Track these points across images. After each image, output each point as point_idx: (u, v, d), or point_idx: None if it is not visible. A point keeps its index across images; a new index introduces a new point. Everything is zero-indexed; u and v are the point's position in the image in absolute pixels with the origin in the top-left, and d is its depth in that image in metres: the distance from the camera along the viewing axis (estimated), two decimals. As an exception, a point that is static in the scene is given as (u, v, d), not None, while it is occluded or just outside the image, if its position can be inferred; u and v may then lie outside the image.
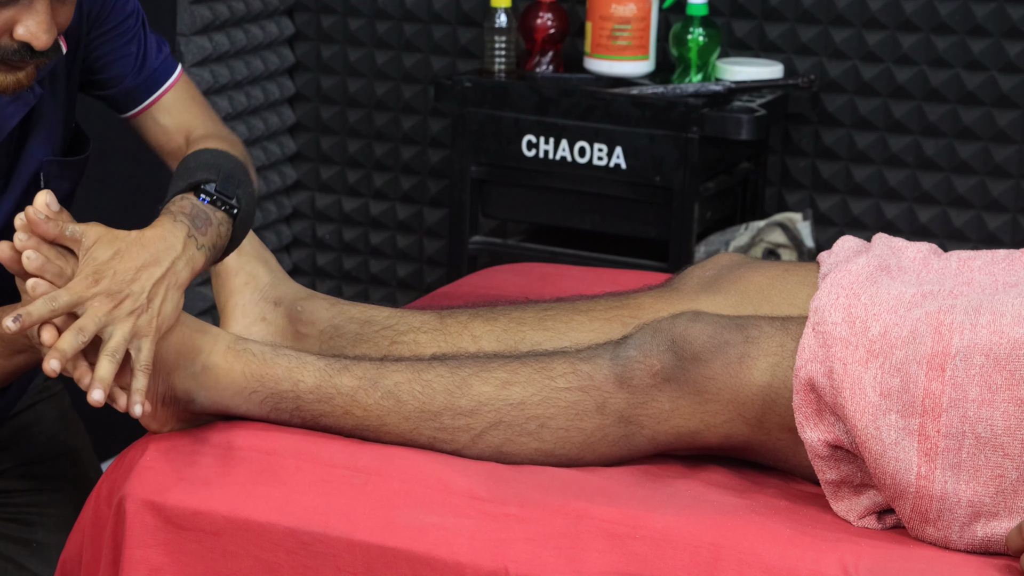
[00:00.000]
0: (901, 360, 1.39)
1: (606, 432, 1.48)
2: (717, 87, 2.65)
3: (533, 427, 1.48)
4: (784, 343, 1.45)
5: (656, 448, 1.51)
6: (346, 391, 1.50)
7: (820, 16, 2.81)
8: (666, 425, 1.47)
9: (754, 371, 1.44)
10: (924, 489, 1.38)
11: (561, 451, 1.50)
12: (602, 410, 1.47)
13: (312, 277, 3.24)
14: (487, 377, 1.49)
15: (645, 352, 1.46)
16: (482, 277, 2.10)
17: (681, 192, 2.59)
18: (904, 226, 2.82)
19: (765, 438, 1.47)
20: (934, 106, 2.77)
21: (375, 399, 1.50)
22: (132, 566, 1.48)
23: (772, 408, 1.44)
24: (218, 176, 1.55)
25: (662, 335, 1.46)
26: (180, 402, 1.53)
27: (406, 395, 1.49)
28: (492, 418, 1.48)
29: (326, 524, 1.45)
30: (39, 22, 1.47)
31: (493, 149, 2.71)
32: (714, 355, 1.45)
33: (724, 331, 1.46)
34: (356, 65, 3.12)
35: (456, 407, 1.49)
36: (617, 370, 1.46)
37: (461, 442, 1.50)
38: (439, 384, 1.49)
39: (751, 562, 1.35)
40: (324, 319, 1.68)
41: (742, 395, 1.44)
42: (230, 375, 1.51)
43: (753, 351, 1.45)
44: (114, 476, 1.53)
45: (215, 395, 1.52)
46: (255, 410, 1.53)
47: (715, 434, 1.48)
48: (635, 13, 2.72)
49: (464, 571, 1.40)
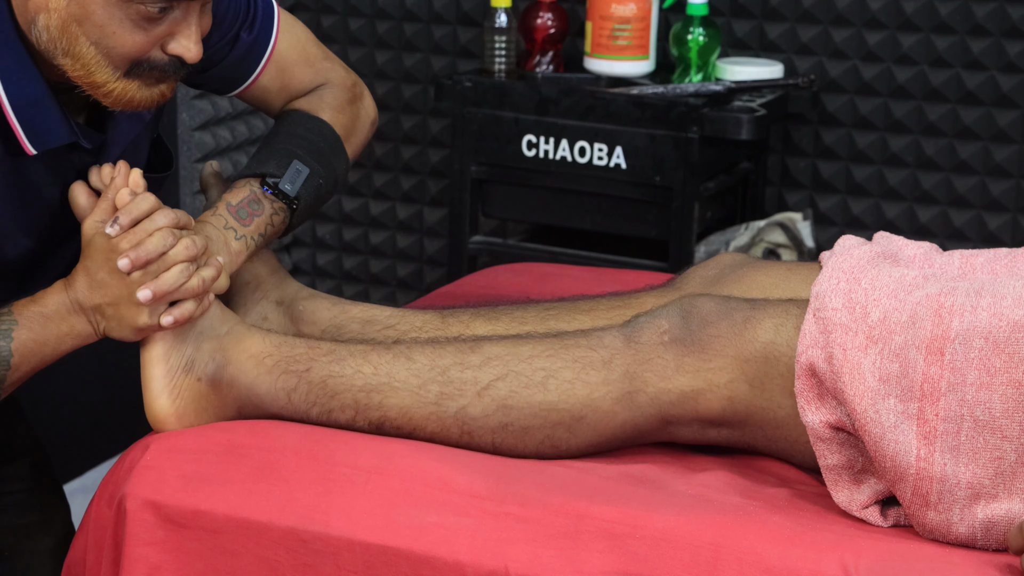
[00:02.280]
0: (900, 345, 1.40)
1: (610, 388, 1.49)
2: (717, 87, 2.65)
3: (540, 377, 1.50)
4: (788, 309, 1.49)
5: (658, 412, 1.50)
6: (358, 351, 1.54)
7: (820, 16, 2.81)
8: (669, 384, 1.48)
9: (758, 329, 1.47)
10: (924, 471, 1.38)
11: (564, 405, 1.50)
12: (608, 365, 1.49)
13: (312, 277, 3.25)
14: (499, 340, 1.54)
15: (655, 316, 1.51)
16: (483, 277, 2.10)
17: (681, 192, 2.59)
18: (904, 226, 2.82)
19: (767, 404, 1.48)
20: (934, 106, 2.77)
21: (386, 358, 1.53)
22: (132, 564, 1.48)
23: (774, 367, 1.46)
24: (288, 167, 1.61)
25: (673, 305, 1.52)
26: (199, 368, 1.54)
27: (417, 353, 1.53)
28: (500, 370, 1.51)
29: (327, 523, 1.45)
30: (191, 35, 1.45)
31: (493, 149, 2.71)
32: (720, 317, 1.49)
33: (731, 302, 1.51)
34: (356, 65, 3.12)
35: (466, 361, 1.51)
36: (627, 331, 1.51)
37: (467, 396, 1.51)
38: (452, 346, 1.54)
39: (751, 562, 1.35)
40: (326, 319, 1.69)
41: (745, 352, 1.47)
42: (251, 339, 1.56)
43: (758, 314, 1.49)
44: (115, 477, 1.53)
45: (233, 360, 1.55)
46: (264, 377, 1.55)
47: (717, 396, 1.48)
48: (635, 13, 2.72)
49: (464, 570, 1.40)
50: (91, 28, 1.42)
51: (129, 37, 1.43)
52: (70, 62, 1.43)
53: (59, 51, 1.43)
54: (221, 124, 2.94)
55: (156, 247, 1.48)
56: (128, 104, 1.47)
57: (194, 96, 2.84)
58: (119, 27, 1.42)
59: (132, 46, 1.43)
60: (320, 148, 1.65)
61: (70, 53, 1.43)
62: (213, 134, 2.91)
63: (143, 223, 1.48)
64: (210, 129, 2.90)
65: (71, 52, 1.43)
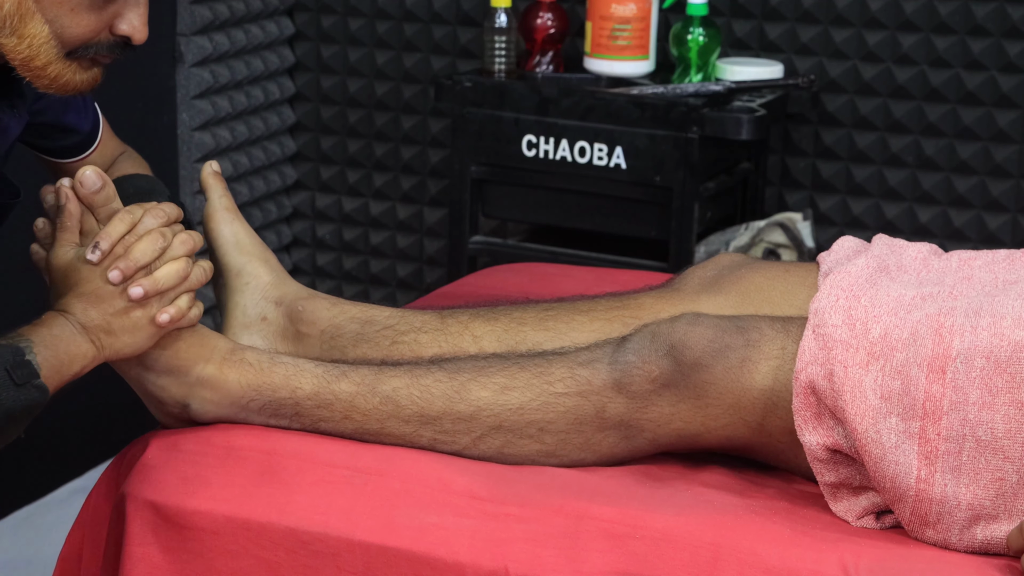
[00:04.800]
0: (902, 362, 1.39)
1: (606, 435, 1.48)
2: (717, 87, 2.65)
3: (533, 431, 1.48)
4: (785, 346, 1.44)
5: (657, 449, 1.51)
6: (344, 397, 1.51)
7: (820, 16, 2.81)
8: (667, 428, 1.47)
9: (755, 375, 1.44)
10: (924, 493, 1.37)
11: (562, 452, 1.50)
12: (601, 414, 1.47)
13: (312, 277, 3.24)
14: (485, 382, 1.49)
15: (643, 358, 1.45)
16: (483, 277, 2.10)
17: (681, 192, 2.59)
18: (904, 226, 2.82)
19: (766, 440, 1.47)
20: (934, 106, 2.77)
21: (374, 404, 1.50)
22: (132, 564, 1.48)
23: (773, 412, 1.44)
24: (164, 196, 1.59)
25: (660, 340, 1.45)
26: (174, 408, 1.54)
27: (404, 400, 1.50)
28: (491, 423, 1.48)
29: (326, 524, 1.45)
30: (141, 15, 1.43)
31: (493, 149, 2.71)
32: (715, 360, 1.44)
33: (724, 335, 1.44)
34: (356, 65, 3.12)
35: (455, 412, 1.49)
36: (616, 375, 1.46)
37: (462, 444, 1.50)
38: (437, 389, 1.49)
39: (751, 562, 1.35)
40: (325, 319, 1.68)
41: (743, 399, 1.44)
42: (226, 386, 1.52)
43: (754, 355, 1.44)
44: (115, 473, 1.53)
45: (211, 405, 1.53)
46: (253, 418, 1.53)
47: (716, 436, 1.48)
48: (635, 13, 2.72)
49: (464, 571, 1.40)
50: (49, 5, 1.39)
51: (84, 16, 1.40)
52: (15, 42, 1.39)
53: (7, 29, 1.39)
54: (221, 124, 2.94)
55: (145, 254, 1.46)
56: (64, 87, 1.44)
57: (194, 96, 2.84)
58: (77, 5, 1.39)
59: (86, 27, 1.41)
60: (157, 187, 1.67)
61: (18, 32, 1.39)
62: (213, 134, 2.91)
63: (126, 239, 1.46)
64: (210, 129, 2.90)
65: (20, 31, 1.39)
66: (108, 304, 1.46)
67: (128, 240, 1.46)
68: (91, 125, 1.71)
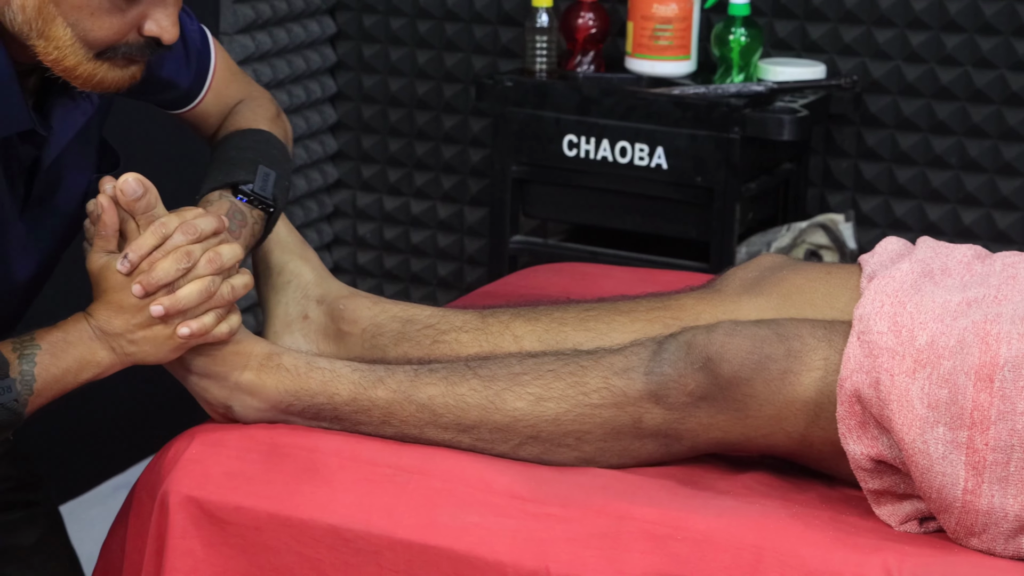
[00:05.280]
0: (949, 371, 1.37)
1: (644, 443, 1.48)
2: (759, 87, 2.64)
3: (571, 440, 1.48)
4: (828, 356, 1.42)
5: (696, 453, 1.51)
6: (381, 404, 1.51)
7: (863, 16, 2.80)
8: (705, 437, 1.47)
9: (798, 387, 1.42)
10: (970, 504, 1.36)
11: (601, 459, 1.50)
12: (638, 425, 1.46)
13: (353, 275, 3.25)
14: (520, 392, 1.49)
15: (679, 371, 1.44)
16: (523, 277, 2.10)
17: (722, 192, 2.59)
18: (947, 228, 2.80)
19: (808, 449, 1.46)
20: (978, 107, 2.75)
21: (410, 412, 1.50)
22: (174, 558, 1.49)
23: (816, 422, 1.43)
24: (256, 173, 1.56)
25: (696, 352, 1.43)
26: (219, 408, 1.55)
27: (440, 408, 1.50)
28: (528, 432, 1.48)
29: (368, 522, 1.45)
30: (169, 15, 1.42)
31: (534, 149, 2.71)
32: (754, 372, 1.42)
33: (764, 345, 1.42)
34: (397, 64, 3.12)
35: (491, 422, 1.49)
36: (652, 387, 1.45)
37: (501, 450, 1.50)
38: (472, 399, 1.49)
39: (793, 565, 1.34)
40: (366, 317, 1.69)
41: (785, 411, 1.43)
42: (264, 391, 1.53)
43: (796, 366, 1.42)
44: (158, 468, 1.54)
45: (252, 410, 1.54)
46: (294, 420, 1.55)
47: (757, 445, 1.47)
48: (677, 13, 2.71)
49: (505, 570, 1.40)
50: (68, 9, 1.39)
51: (107, 19, 1.40)
52: (43, 44, 1.40)
53: (34, 32, 1.39)
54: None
55: (168, 273, 1.45)
56: (98, 86, 1.43)
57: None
58: (97, 8, 1.39)
59: (109, 29, 1.40)
60: (274, 155, 1.62)
61: (44, 35, 1.40)
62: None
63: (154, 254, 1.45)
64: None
65: (45, 34, 1.39)
66: (132, 315, 1.46)
67: (155, 256, 1.45)
68: (192, 79, 1.67)
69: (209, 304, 1.48)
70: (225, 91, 1.71)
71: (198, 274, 1.46)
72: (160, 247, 1.45)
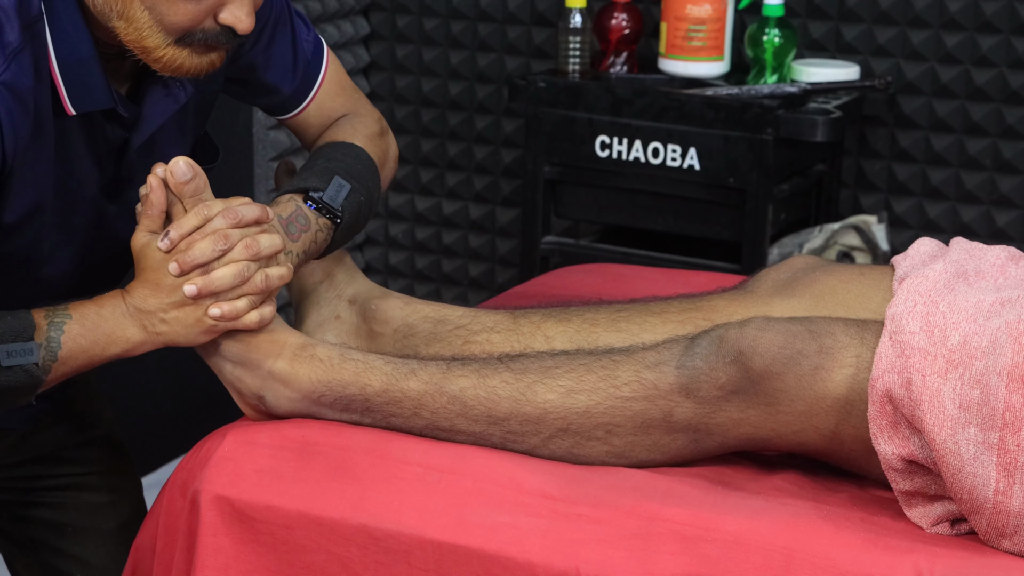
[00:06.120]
0: (981, 371, 1.37)
1: (675, 437, 1.48)
2: (792, 88, 2.64)
3: (601, 433, 1.48)
4: (860, 353, 1.42)
5: (726, 450, 1.50)
6: (413, 395, 1.51)
7: (897, 17, 2.79)
8: (735, 432, 1.46)
9: (829, 383, 1.42)
10: (1001, 505, 1.36)
11: (631, 453, 1.49)
12: (669, 419, 1.46)
13: (385, 275, 3.26)
14: (551, 384, 1.49)
15: (711, 364, 1.44)
16: (555, 277, 2.10)
17: (755, 193, 2.58)
18: (981, 229, 2.79)
19: (838, 447, 1.46)
20: (1013, 109, 2.74)
21: (442, 403, 1.50)
22: (205, 555, 1.50)
23: (847, 420, 1.42)
24: (329, 183, 1.59)
25: (728, 346, 1.43)
26: (252, 399, 1.55)
27: (471, 400, 1.50)
28: (559, 425, 1.48)
29: (398, 521, 1.45)
30: (244, 6, 1.45)
31: (566, 149, 2.71)
32: (786, 367, 1.42)
33: (796, 340, 1.42)
34: (430, 65, 3.13)
35: (522, 414, 1.49)
36: (683, 380, 1.45)
37: (531, 444, 1.50)
38: (503, 391, 1.50)
39: (824, 567, 1.34)
40: (398, 318, 1.69)
41: (816, 407, 1.42)
42: (297, 381, 1.53)
43: (827, 362, 1.42)
44: (190, 466, 1.55)
45: (284, 400, 1.55)
46: (325, 412, 1.54)
47: (787, 442, 1.47)
48: (710, 14, 2.71)
49: (535, 570, 1.40)
50: None
51: (182, 5, 1.43)
52: (124, 25, 1.44)
53: (114, 13, 1.44)
54: (296, 123, 2.96)
55: (204, 253, 1.47)
56: (178, 71, 1.47)
57: (270, 95, 2.86)
58: None
59: (184, 15, 1.44)
60: (357, 169, 1.65)
61: (124, 16, 1.44)
62: (288, 133, 2.93)
63: (194, 235, 1.48)
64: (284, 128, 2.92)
65: (125, 15, 1.44)
66: (167, 295, 1.48)
67: (194, 237, 1.48)
68: (295, 87, 1.71)
69: (242, 289, 1.50)
70: (330, 104, 1.75)
71: (233, 258, 1.49)
72: (200, 229, 1.48)
